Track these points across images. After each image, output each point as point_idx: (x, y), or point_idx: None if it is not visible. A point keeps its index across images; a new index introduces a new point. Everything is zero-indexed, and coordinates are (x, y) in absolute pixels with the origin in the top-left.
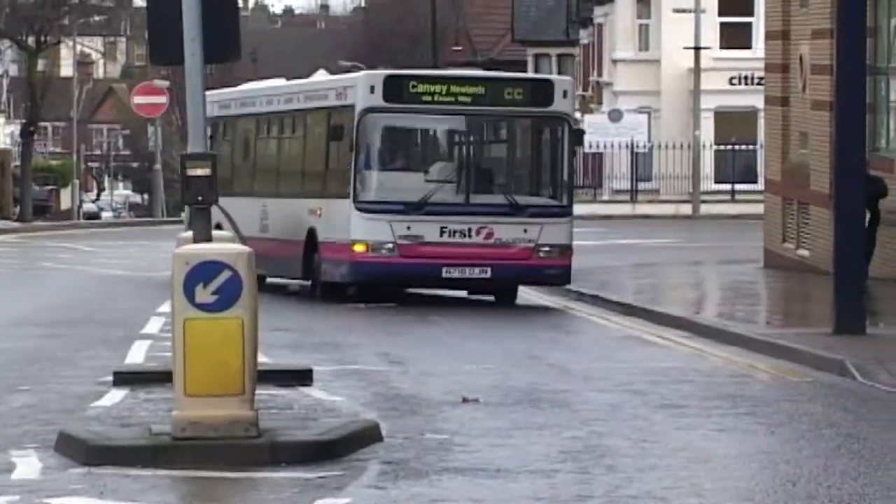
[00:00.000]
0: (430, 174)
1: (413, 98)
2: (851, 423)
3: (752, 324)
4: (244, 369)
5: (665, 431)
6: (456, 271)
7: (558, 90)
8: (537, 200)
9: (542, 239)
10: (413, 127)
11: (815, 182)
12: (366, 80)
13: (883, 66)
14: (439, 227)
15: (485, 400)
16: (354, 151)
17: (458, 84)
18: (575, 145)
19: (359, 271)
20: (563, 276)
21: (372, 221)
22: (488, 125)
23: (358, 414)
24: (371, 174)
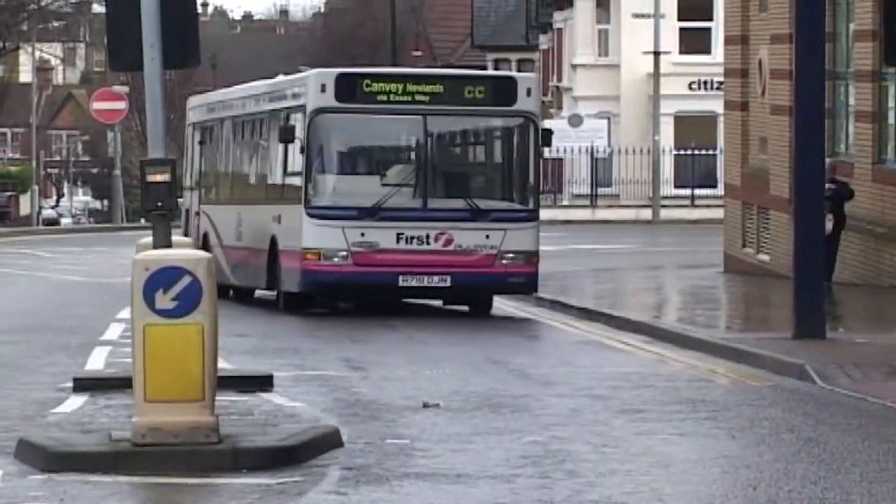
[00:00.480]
0: (386, 178)
1: (367, 97)
2: (812, 427)
3: (712, 328)
4: (204, 375)
5: (625, 436)
6: (413, 280)
7: (521, 88)
8: (500, 205)
9: (505, 245)
10: (367, 128)
11: (775, 187)
12: (316, 79)
13: (842, 71)
14: (395, 233)
15: (445, 405)
16: (306, 154)
17: (415, 82)
18: (541, 146)
19: (310, 281)
20: (529, 284)
21: (324, 228)
22: (448, 125)
23: (318, 419)
24: (323, 178)
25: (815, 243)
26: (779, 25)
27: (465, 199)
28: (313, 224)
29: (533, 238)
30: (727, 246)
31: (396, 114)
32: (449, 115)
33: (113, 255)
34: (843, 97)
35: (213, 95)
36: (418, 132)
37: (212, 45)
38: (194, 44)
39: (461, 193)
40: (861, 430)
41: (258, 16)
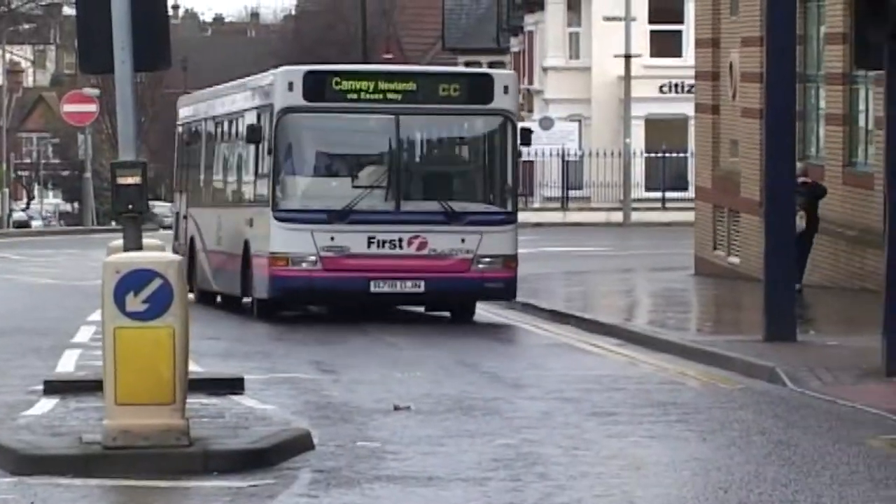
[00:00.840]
0: (357, 180)
1: (337, 96)
2: (782, 429)
3: (683, 331)
4: (175, 378)
5: (596, 439)
6: (385, 285)
7: (498, 85)
8: (476, 207)
9: (481, 249)
10: (337, 128)
11: (746, 189)
12: (283, 77)
13: (812, 74)
14: (366, 237)
15: (416, 408)
16: (273, 156)
17: (387, 80)
18: (519, 145)
19: (278, 287)
20: (507, 289)
21: (292, 232)
22: (421, 125)
23: (289, 422)
24: (291, 180)
25: (786, 246)
26: (749, 28)
27: (440, 202)
28: (281, 228)
29: (511, 241)
30: (698, 248)
31: (367, 113)
32: (422, 114)
33: (83, 257)
34: (814, 100)
35: (199, 95)
36: (390, 132)
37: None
38: (165, 46)
39: (435, 195)
40: (831, 433)
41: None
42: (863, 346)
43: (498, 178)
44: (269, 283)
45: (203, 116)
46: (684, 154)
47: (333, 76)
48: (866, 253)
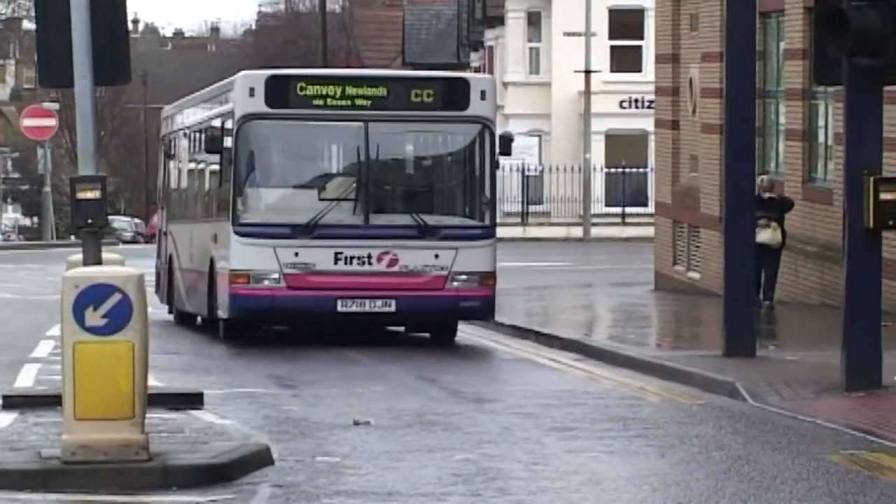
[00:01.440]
0: (324, 191)
1: (301, 102)
2: (741, 445)
3: (642, 346)
4: (134, 392)
5: (556, 454)
6: (353, 304)
7: (475, 90)
8: (451, 220)
9: (457, 266)
10: (302, 136)
11: (705, 205)
12: (244, 82)
13: (772, 90)
14: (333, 252)
15: (376, 423)
16: (234, 166)
17: (356, 85)
18: (498, 154)
19: (238, 306)
20: (484, 308)
21: (253, 248)
22: (392, 133)
23: (249, 437)
24: (253, 192)
25: (746, 261)
26: (709, 44)
27: (412, 215)
28: (241, 243)
29: (488, 257)
30: (658, 264)
31: (334, 120)
32: (393, 121)
33: (43, 272)
34: (774, 115)
35: (178, 105)
36: (359, 140)
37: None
38: (125, 61)
39: (407, 208)
40: (791, 448)
41: (189, 33)
42: (822, 362)
43: (475, 190)
44: (230, 302)
45: (178, 127)
46: (644, 169)
47: (298, 81)
48: (826, 268)
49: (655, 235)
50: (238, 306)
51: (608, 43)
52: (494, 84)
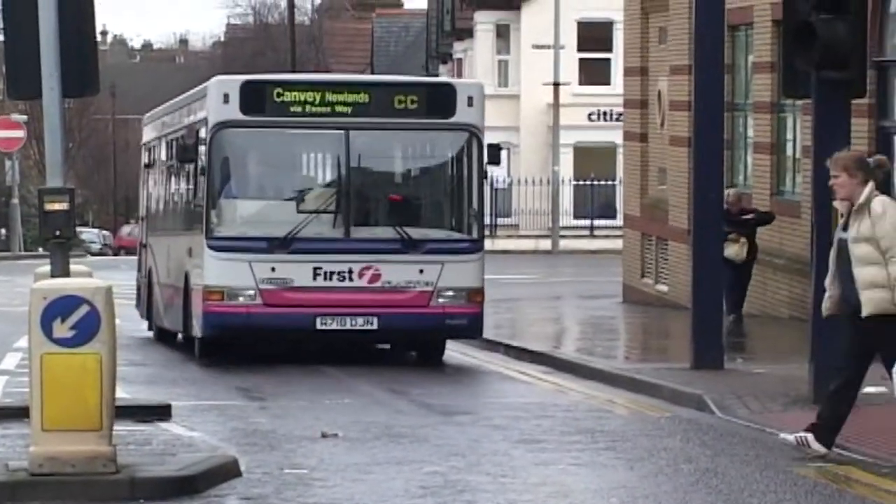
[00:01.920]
0: (302, 203)
1: (278, 109)
2: (709, 457)
3: (611, 359)
4: (102, 404)
5: (524, 466)
6: (333, 322)
7: (461, 96)
8: (437, 234)
9: (442, 281)
10: (279, 145)
11: (674, 218)
12: (218, 88)
13: (741, 103)
14: (312, 267)
15: (344, 435)
16: (207, 176)
17: (336, 91)
18: (487, 164)
19: (212, 324)
20: (472, 326)
21: (228, 262)
22: (374, 141)
23: (216, 449)
24: (227, 204)
25: (714, 274)
26: (678, 57)
27: (395, 228)
28: (215, 258)
29: (476, 272)
30: (626, 276)
31: (313, 128)
32: (376, 129)
33: (11, 283)
34: (742, 128)
35: (157, 112)
36: (339, 149)
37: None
38: (93, 72)
39: (390, 221)
40: (759, 461)
41: (158, 45)
42: (790, 374)
43: (461, 201)
44: (203, 319)
45: (157, 135)
46: (612, 182)
47: (275, 87)
48: (794, 281)
49: (624, 248)
50: (212, 324)
51: (577, 55)
52: (482, 90)
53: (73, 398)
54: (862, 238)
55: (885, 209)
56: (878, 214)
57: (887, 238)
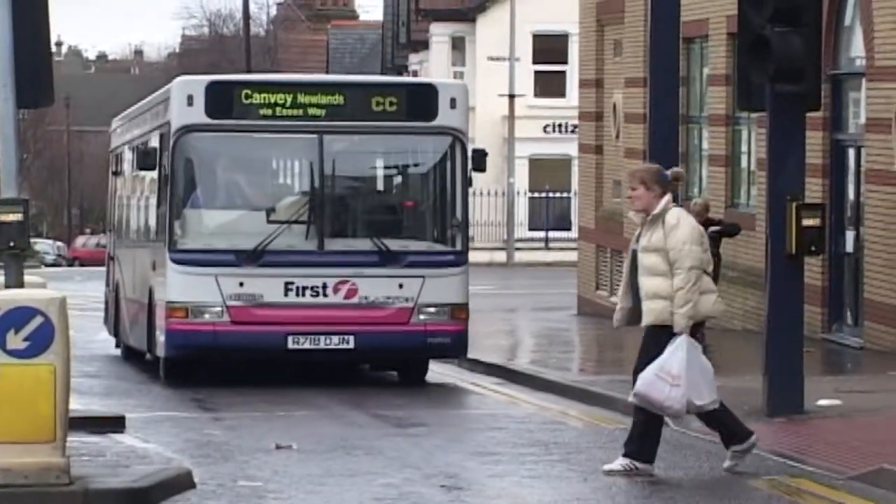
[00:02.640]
0: (273, 213)
1: (247, 112)
2: (663, 469)
3: (565, 371)
4: (56, 416)
5: (479, 479)
6: (306, 341)
7: (444, 98)
8: (418, 245)
9: (424, 297)
10: (248, 150)
11: (628, 230)
12: (181, 89)
13: (695, 116)
14: (283, 282)
15: (298, 447)
16: (170, 184)
17: (309, 92)
18: (471, 170)
19: (175, 343)
20: (455, 345)
21: (193, 277)
22: (350, 146)
23: (170, 461)
24: (192, 214)
25: None
26: (633, 69)
27: (373, 240)
28: (179, 272)
29: (460, 287)
30: (581, 288)
31: (284, 132)
32: (352, 133)
33: None
34: (697, 141)
35: (125, 115)
36: (313, 155)
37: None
38: (48, 83)
39: (367, 232)
40: (712, 473)
41: (112, 56)
42: (744, 387)
43: (444, 211)
44: (166, 338)
45: (123, 141)
46: (567, 194)
47: (243, 87)
48: (748, 293)
49: (579, 260)
50: (175, 343)
51: (532, 67)
52: (466, 91)
53: (27, 409)
54: (652, 248)
55: (679, 221)
56: (671, 226)
57: (675, 250)
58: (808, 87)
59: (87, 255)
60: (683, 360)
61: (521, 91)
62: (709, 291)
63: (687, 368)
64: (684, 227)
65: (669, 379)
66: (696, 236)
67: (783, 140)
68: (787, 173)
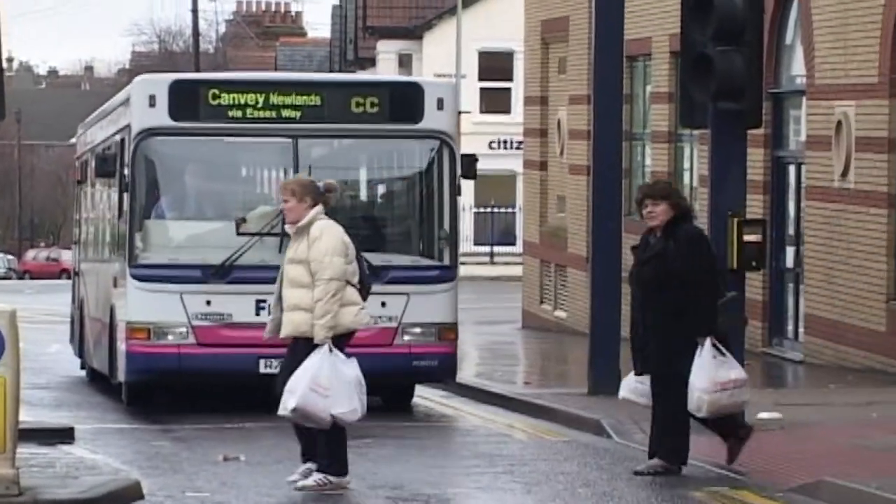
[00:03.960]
0: (243, 225)
1: (214, 113)
2: (606, 481)
3: (510, 384)
4: (6, 427)
5: (423, 490)
6: (279, 364)
7: (430, 98)
8: (402, 259)
9: (409, 316)
10: (216, 156)
11: (573, 245)
12: (142, 89)
13: (638, 132)
14: (254, 300)
15: (246, 458)
16: (131, 192)
17: (282, 92)
18: (461, 177)
19: (136, 367)
20: (443, 368)
21: (155, 294)
22: (328, 151)
23: (119, 472)
24: (154, 226)
25: (611, 301)
26: (577, 87)
27: None
28: (140, 289)
29: (448, 305)
30: (525, 302)
31: (256, 135)
32: (330, 137)
33: None
34: (640, 157)
35: (89, 120)
36: (287, 160)
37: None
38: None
39: None
40: (654, 485)
41: (63, 71)
42: None
43: (431, 221)
44: (127, 361)
45: (86, 148)
46: (512, 209)
47: (209, 87)
48: None
49: (523, 274)
50: (136, 367)
51: (478, 84)
52: (454, 91)
53: None
54: (297, 260)
55: (322, 233)
56: (314, 238)
57: (317, 262)
58: (749, 104)
59: (37, 268)
60: (326, 370)
61: (466, 108)
62: (350, 304)
63: (333, 378)
64: (327, 238)
65: (321, 390)
66: (340, 248)
67: (725, 157)
68: (728, 190)
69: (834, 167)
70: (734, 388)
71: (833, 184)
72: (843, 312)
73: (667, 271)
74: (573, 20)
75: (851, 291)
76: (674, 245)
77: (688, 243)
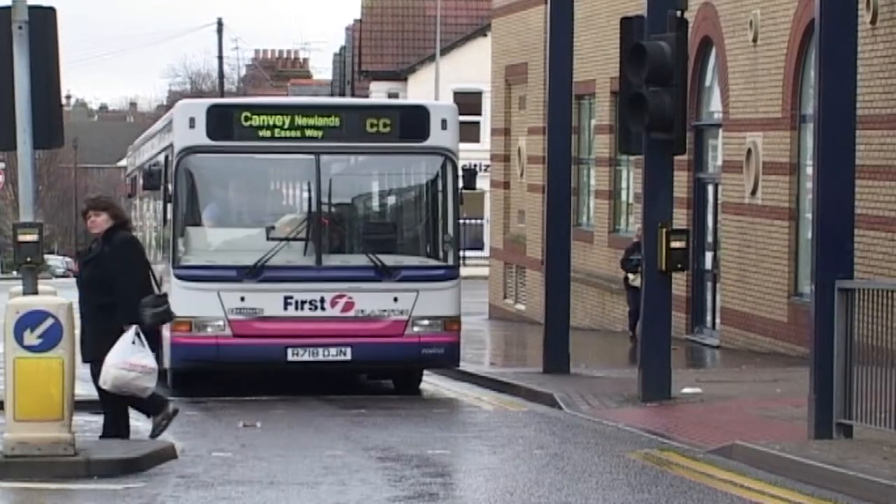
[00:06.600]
0: (272, 230)
1: (246, 133)
2: (558, 444)
3: (479, 364)
4: (64, 399)
5: (407, 451)
6: (305, 353)
7: (435, 119)
8: (411, 261)
9: (418, 310)
10: (247, 170)
11: (530, 250)
12: (183, 113)
13: (585, 157)
14: (283, 297)
15: (262, 425)
16: (174, 203)
17: (306, 114)
18: (462, 188)
19: (179, 356)
20: (449, 356)
21: (196, 292)
22: (346, 166)
23: None
24: (195, 232)
25: (562, 295)
26: (534, 120)
27: (368, 255)
28: (182, 287)
29: (452, 300)
30: (492, 297)
31: (283, 152)
32: (347, 154)
33: None
34: (586, 178)
35: (140, 139)
36: (310, 174)
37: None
38: (59, 128)
39: (363, 248)
40: (597, 448)
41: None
42: (623, 377)
43: (436, 227)
44: (171, 351)
45: (136, 165)
46: (481, 221)
47: (242, 110)
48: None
49: (490, 274)
50: (180, 356)
51: None
52: (456, 112)
53: (41, 394)
54: None
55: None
56: None
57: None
58: (676, 135)
59: None
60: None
61: None
62: None
63: None
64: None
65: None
66: None
67: (656, 178)
68: (658, 205)
69: (745, 187)
70: (141, 373)
71: (744, 200)
72: (752, 306)
73: (103, 270)
74: (531, 65)
75: (759, 289)
76: (109, 249)
77: (121, 247)
